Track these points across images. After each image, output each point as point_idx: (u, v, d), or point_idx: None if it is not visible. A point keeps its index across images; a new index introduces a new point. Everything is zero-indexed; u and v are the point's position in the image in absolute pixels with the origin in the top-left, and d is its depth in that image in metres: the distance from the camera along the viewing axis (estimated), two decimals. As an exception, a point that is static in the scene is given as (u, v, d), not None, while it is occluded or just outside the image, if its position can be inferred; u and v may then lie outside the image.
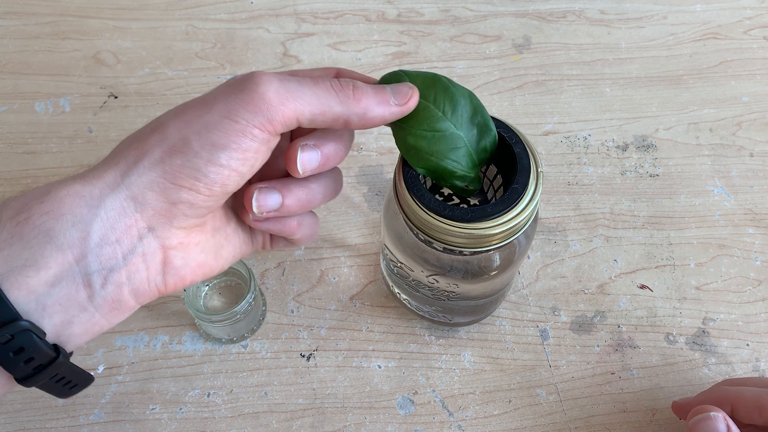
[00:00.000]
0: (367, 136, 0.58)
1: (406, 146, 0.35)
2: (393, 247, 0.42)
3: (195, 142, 0.29)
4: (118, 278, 0.29)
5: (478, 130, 0.36)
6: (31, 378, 0.29)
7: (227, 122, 0.29)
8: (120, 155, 0.30)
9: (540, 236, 0.53)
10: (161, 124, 0.30)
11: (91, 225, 0.28)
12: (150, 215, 0.29)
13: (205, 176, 0.29)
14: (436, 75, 0.35)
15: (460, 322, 0.48)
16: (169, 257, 0.31)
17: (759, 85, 0.62)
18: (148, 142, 0.30)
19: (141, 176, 0.29)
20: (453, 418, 0.46)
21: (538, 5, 0.67)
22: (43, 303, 0.28)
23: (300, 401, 0.46)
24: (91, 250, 0.28)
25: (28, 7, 0.65)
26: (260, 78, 0.30)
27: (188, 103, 0.31)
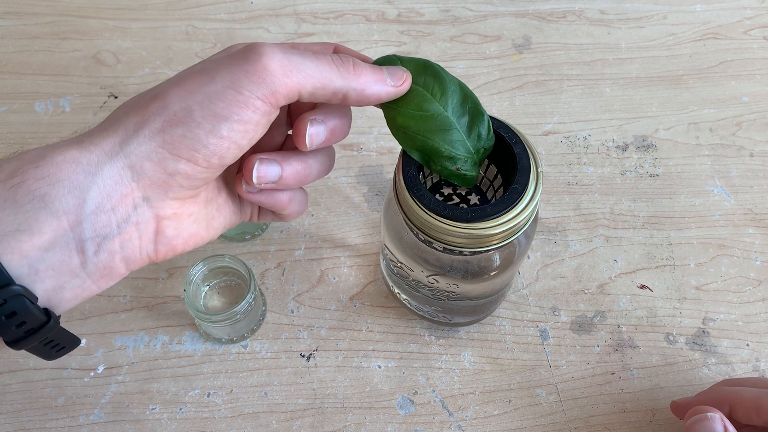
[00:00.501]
0: (367, 136, 0.58)
1: (395, 126, 0.36)
2: (393, 247, 0.42)
3: (197, 112, 0.29)
4: (111, 246, 0.29)
5: (469, 116, 0.36)
6: (21, 341, 0.29)
7: (231, 93, 0.29)
8: (119, 122, 0.30)
9: (540, 236, 0.53)
10: (162, 92, 0.30)
11: (88, 192, 0.28)
12: (146, 185, 0.29)
13: (205, 147, 0.29)
14: (427, 61, 0.36)
15: (460, 322, 0.48)
16: (162, 227, 0.31)
17: (759, 85, 0.62)
18: (149, 110, 0.29)
19: (140, 146, 0.29)
20: (453, 418, 0.46)
21: (538, 5, 0.67)
22: (36, 268, 0.28)
23: (300, 401, 0.46)
24: (87, 217, 0.28)
25: (28, 7, 0.65)
26: (263, 48, 0.30)
27: (189, 72, 0.31)
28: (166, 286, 0.50)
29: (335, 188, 0.55)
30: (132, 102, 0.31)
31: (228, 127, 0.29)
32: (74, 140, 0.29)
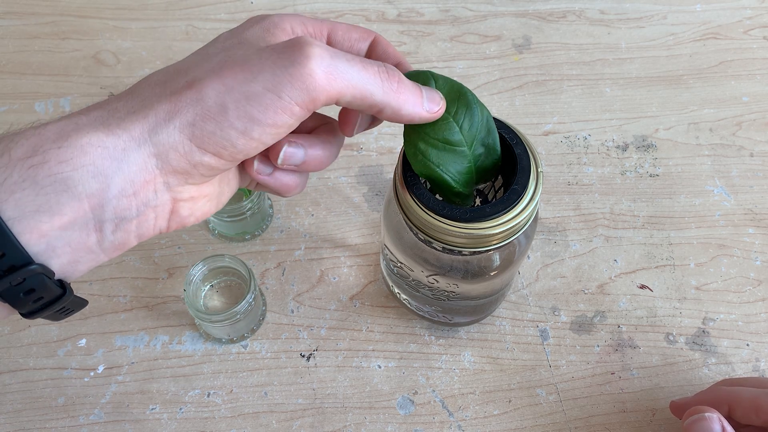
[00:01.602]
0: (367, 136, 0.58)
1: (414, 149, 0.35)
2: (393, 247, 0.42)
3: (232, 111, 0.28)
4: (128, 226, 0.29)
5: (485, 150, 0.36)
6: (37, 312, 0.30)
7: (270, 96, 0.28)
8: (149, 107, 0.29)
9: (540, 236, 0.53)
10: (198, 81, 0.29)
11: (113, 178, 0.28)
12: (168, 172, 0.29)
13: (233, 146, 0.29)
14: (463, 87, 0.35)
15: (460, 322, 0.48)
16: (177, 208, 0.31)
17: (759, 85, 0.62)
18: (182, 99, 0.28)
19: (170, 136, 0.28)
20: (453, 418, 0.46)
21: (538, 5, 0.67)
22: (53, 245, 0.28)
23: (300, 401, 0.46)
24: (109, 201, 0.28)
25: (28, 7, 0.65)
26: (311, 51, 0.29)
27: (230, 61, 0.29)
28: (166, 286, 0.50)
29: (335, 188, 0.55)
30: (162, 79, 0.30)
31: (260, 131, 0.29)
32: (99, 118, 0.28)
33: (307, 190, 0.55)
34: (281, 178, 0.34)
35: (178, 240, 0.52)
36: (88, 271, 0.30)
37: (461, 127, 0.35)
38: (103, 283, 0.50)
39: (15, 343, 0.47)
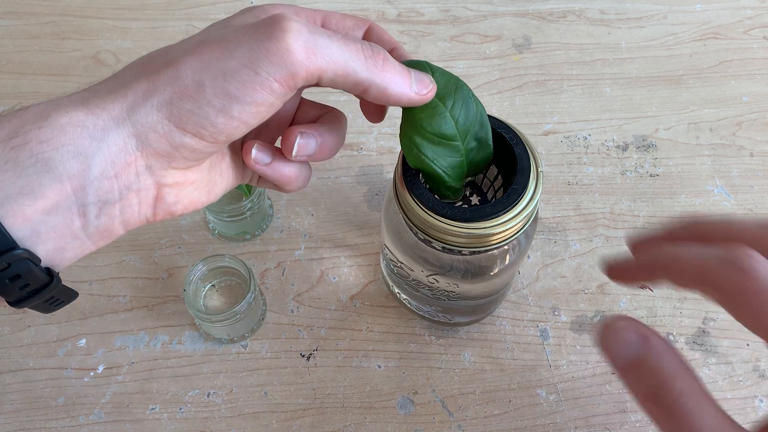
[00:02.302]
0: (367, 136, 0.58)
1: (410, 142, 0.35)
2: (393, 247, 0.42)
3: (209, 88, 0.28)
4: (112, 211, 0.29)
5: (477, 144, 0.36)
6: (24, 301, 0.29)
7: (247, 72, 0.28)
8: (128, 86, 0.28)
9: (540, 236, 0.53)
10: (176, 59, 0.28)
11: (93, 158, 0.27)
12: (150, 154, 0.29)
13: (213, 126, 0.28)
14: (459, 81, 0.35)
15: (460, 322, 0.48)
16: (162, 194, 0.30)
17: (759, 85, 0.62)
18: (160, 78, 0.28)
19: (147, 115, 0.28)
20: (453, 418, 0.46)
21: (538, 5, 0.67)
22: (38, 230, 0.27)
23: (300, 401, 0.46)
24: (91, 182, 0.28)
25: (28, 7, 0.65)
26: (289, 25, 0.28)
27: (208, 39, 0.29)
28: (166, 286, 0.50)
29: (335, 188, 0.55)
30: (144, 61, 0.30)
31: (239, 109, 0.28)
32: (79, 98, 0.28)
33: (307, 190, 0.55)
34: (281, 169, 0.34)
35: (178, 240, 0.52)
36: (75, 260, 0.30)
37: (456, 120, 0.35)
38: (103, 283, 0.50)
39: (15, 343, 0.47)
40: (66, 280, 0.50)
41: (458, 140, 0.35)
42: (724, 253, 0.26)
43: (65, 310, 0.49)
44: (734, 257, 0.26)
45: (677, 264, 0.28)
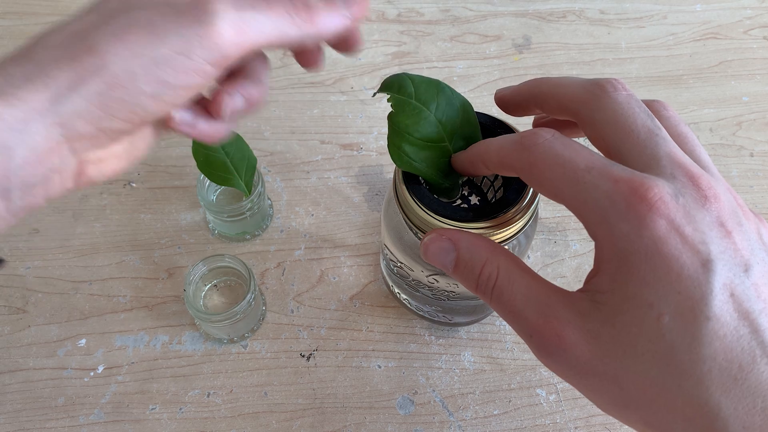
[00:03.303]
0: (367, 136, 0.58)
1: (398, 150, 0.35)
2: (393, 247, 0.42)
3: (141, 77, 0.27)
4: (36, 191, 0.29)
5: (465, 144, 0.36)
6: None
7: (180, 59, 0.27)
8: (48, 74, 0.27)
9: (540, 236, 0.53)
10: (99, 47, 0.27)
11: (15, 149, 0.27)
12: (75, 139, 0.28)
13: (144, 110, 0.28)
14: (440, 83, 0.36)
15: (460, 322, 0.48)
16: (84, 170, 0.30)
17: (759, 85, 0.62)
18: (84, 67, 0.27)
19: (74, 105, 0.27)
20: (453, 418, 0.46)
21: (538, 5, 0.67)
22: None
23: (300, 401, 0.46)
24: (14, 171, 0.27)
25: (28, 7, 0.65)
26: (214, 6, 0.28)
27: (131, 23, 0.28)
28: (166, 286, 0.50)
29: (335, 188, 0.55)
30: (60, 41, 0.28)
31: (172, 93, 0.28)
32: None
33: (307, 190, 0.55)
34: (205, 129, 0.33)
35: (178, 240, 0.52)
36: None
37: (441, 122, 0.35)
38: (103, 283, 0.50)
39: (15, 343, 0.47)
40: (66, 280, 0.50)
41: (445, 141, 0.36)
42: (516, 137, 0.30)
43: (65, 310, 0.49)
44: (522, 138, 0.30)
45: (486, 154, 0.33)
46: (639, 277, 0.25)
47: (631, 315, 0.25)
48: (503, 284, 0.29)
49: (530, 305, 0.28)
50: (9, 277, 0.50)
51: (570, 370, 0.27)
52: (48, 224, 0.52)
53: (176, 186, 0.54)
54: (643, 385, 0.25)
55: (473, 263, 0.30)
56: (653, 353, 0.24)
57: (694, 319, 0.24)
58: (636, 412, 0.26)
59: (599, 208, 0.26)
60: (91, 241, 0.52)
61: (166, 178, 0.55)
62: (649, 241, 0.25)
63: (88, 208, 0.53)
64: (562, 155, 0.28)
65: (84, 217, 0.53)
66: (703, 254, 0.24)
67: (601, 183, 0.26)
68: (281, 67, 0.62)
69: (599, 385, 0.26)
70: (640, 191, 0.25)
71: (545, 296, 0.28)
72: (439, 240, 0.32)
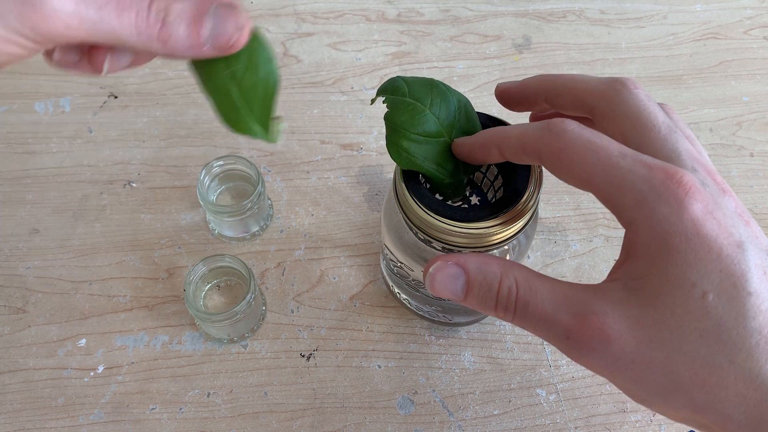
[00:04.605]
0: (367, 136, 0.58)
1: (398, 148, 0.36)
2: (393, 247, 0.42)
3: None
4: None
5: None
6: None
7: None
8: None
9: (540, 236, 0.53)
10: None
11: None
12: None
13: None
14: (433, 80, 0.36)
15: (460, 322, 0.48)
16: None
17: (759, 85, 0.62)
18: None
19: None
20: (453, 418, 0.46)
21: (538, 5, 0.67)
22: None
23: (300, 401, 0.46)
24: None
25: (28, 7, 0.65)
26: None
27: None
28: (166, 286, 0.50)
29: (335, 188, 0.55)
30: None
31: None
32: None
33: (307, 190, 0.55)
34: (89, 69, 0.30)
35: (178, 240, 0.52)
36: None
37: (438, 117, 0.35)
38: (103, 283, 0.50)
39: (15, 343, 0.47)
40: (66, 280, 0.50)
41: (444, 136, 0.36)
42: (541, 123, 0.30)
43: (65, 310, 0.49)
44: (549, 125, 0.29)
45: (505, 139, 0.32)
46: (681, 258, 0.25)
47: (675, 296, 0.25)
48: (526, 294, 0.28)
49: (561, 308, 0.27)
50: (9, 277, 0.50)
51: (614, 363, 0.26)
52: (48, 224, 0.52)
53: (176, 186, 0.54)
54: (694, 365, 0.25)
55: (488, 282, 0.29)
56: (701, 331, 0.25)
57: (738, 295, 0.25)
58: (685, 396, 0.26)
59: (637, 191, 0.27)
60: (91, 241, 0.52)
61: (166, 178, 0.55)
62: (689, 223, 0.25)
63: (88, 208, 0.53)
64: (594, 141, 0.28)
65: (84, 217, 0.53)
66: (735, 237, 0.25)
67: (636, 168, 0.27)
68: (281, 67, 0.62)
69: (646, 373, 0.26)
70: (676, 177, 0.26)
71: (573, 295, 0.27)
72: (445, 267, 0.30)
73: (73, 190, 0.54)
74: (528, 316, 0.28)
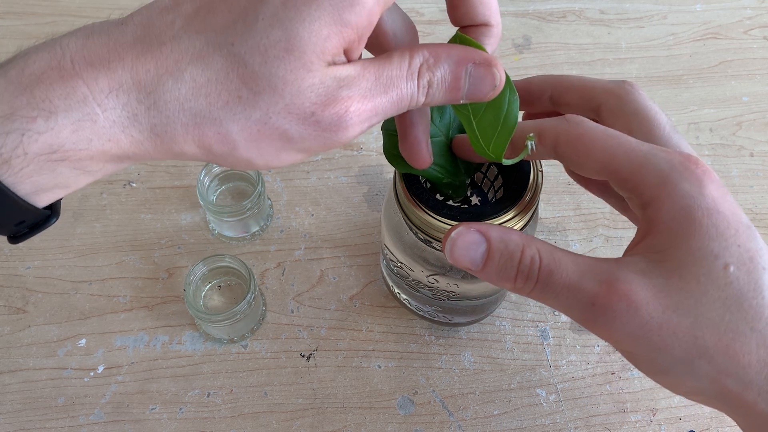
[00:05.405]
0: (367, 136, 0.58)
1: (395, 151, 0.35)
2: (393, 247, 0.42)
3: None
4: None
5: None
6: (24, 236, 0.28)
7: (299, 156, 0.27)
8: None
9: (540, 236, 0.53)
10: (232, 141, 0.26)
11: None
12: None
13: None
14: None
15: (460, 322, 0.48)
16: None
17: (759, 85, 0.62)
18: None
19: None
20: (453, 418, 0.46)
21: (538, 5, 0.67)
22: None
23: (300, 401, 0.46)
24: None
25: (28, 7, 0.65)
26: (348, 122, 0.26)
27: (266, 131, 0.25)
28: (166, 286, 0.50)
29: (335, 188, 0.55)
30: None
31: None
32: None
33: (307, 190, 0.55)
34: None
35: (178, 240, 0.52)
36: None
37: (432, 119, 0.35)
38: (103, 283, 0.50)
39: (15, 343, 0.47)
40: (66, 280, 0.50)
41: (440, 136, 0.36)
42: (556, 117, 0.31)
43: (65, 310, 0.49)
44: (567, 116, 0.31)
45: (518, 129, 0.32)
46: (703, 232, 0.27)
47: (698, 266, 0.27)
48: (550, 264, 0.29)
49: (586, 276, 0.28)
50: (9, 277, 0.50)
51: (641, 329, 0.27)
52: (48, 224, 0.52)
53: (176, 186, 0.54)
54: (718, 331, 0.26)
55: (510, 251, 0.29)
56: (724, 300, 0.26)
57: (755, 269, 0.26)
58: (709, 362, 0.26)
59: (659, 170, 0.28)
60: (91, 241, 0.52)
61: (166, 178, 0.55)
62: (710, 199, 0.27)
63: (88, 208, 0.53)
64: (611, 130, 0.30)
65: (84, 217, 0.53)
66: (744, 219, 0.28)
67: (656, 152, 0.28)
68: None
69: (672, 339, 0.27)
70: (693, 159, 0.28)
71: (597, 266, 0.28)
72: (466, 233, 0.30)
73: (73, 190, 0.54)
74: (551, 285, 0.28)
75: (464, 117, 0.32)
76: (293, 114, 0.25)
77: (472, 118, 0.31)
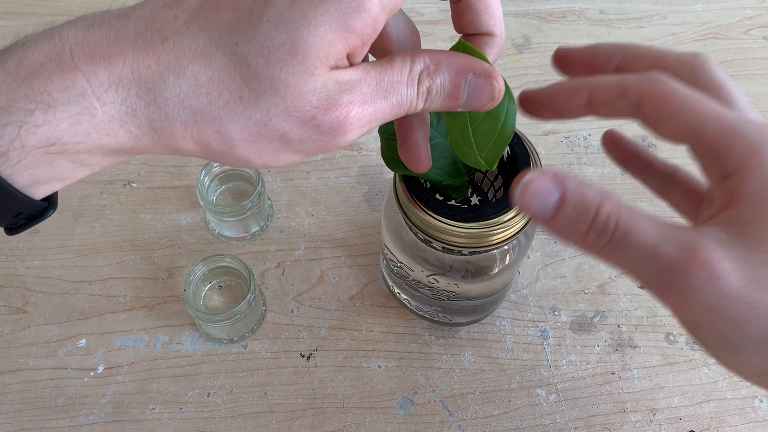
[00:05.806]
0: (367, 136, 0.58)
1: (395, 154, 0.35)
2: (393, 247, 0.42)
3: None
4: None
5: None
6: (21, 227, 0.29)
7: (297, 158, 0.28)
8: None
9: (540, 236, 0.53)
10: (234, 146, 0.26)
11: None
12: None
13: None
14: None
15: (460, 322, 0.48)
16: None
17: (759, 85, 0.62)
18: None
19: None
20: (453, 418, 0.46)
21: (538, 5, 0.67)
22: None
23: (300, 401, 0.46)
24: None
25: (28, 7, 0.65)
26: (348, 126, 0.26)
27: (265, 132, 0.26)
28: (166, 286, 0.50)
29: (335, 188, 0.55)
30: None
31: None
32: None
33: (307, 190, 0.55)
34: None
35: (178, 240, 0.52)
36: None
37: (430, 122, 0.35)
38: (103, 283, 0.50)
39: (15, 343, 0.47)
40: (66, 280, 0.50)
41: (438, 138, 0.36)
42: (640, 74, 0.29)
43: (65, 310, 0.49)
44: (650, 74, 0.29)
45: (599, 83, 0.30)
46: None
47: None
48: (629, 222, 0.27)
49: (666, 239, 0.26)
50: (9, 277, 0.50)
51: (719, 300, 0.26)
52: (48, 224, 0.52)
53: (176, 186, 0.54)
54: None
55: (586, 204, 0.27)
56: None
57: None
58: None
59: (749, 140, 0.27)
60: (91, 241, 0.52)
61: (166, 178, 0.55)
62: None
63: (88, 208, 0.53)
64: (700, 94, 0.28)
65: (84, 217, 0.53)
66: None
67: (745, 122, 0.27)
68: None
69: (750, 313, 0.26)
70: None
71: (677, 231, 0.26)
72: (541, 179, 0.28)
73: (73, 189, 0.54)
74: (627, 244, 0.27)
75: (460, 124, 0.31)
76: (294, 117, 0.25)
77: (469, 125, 0.31)
